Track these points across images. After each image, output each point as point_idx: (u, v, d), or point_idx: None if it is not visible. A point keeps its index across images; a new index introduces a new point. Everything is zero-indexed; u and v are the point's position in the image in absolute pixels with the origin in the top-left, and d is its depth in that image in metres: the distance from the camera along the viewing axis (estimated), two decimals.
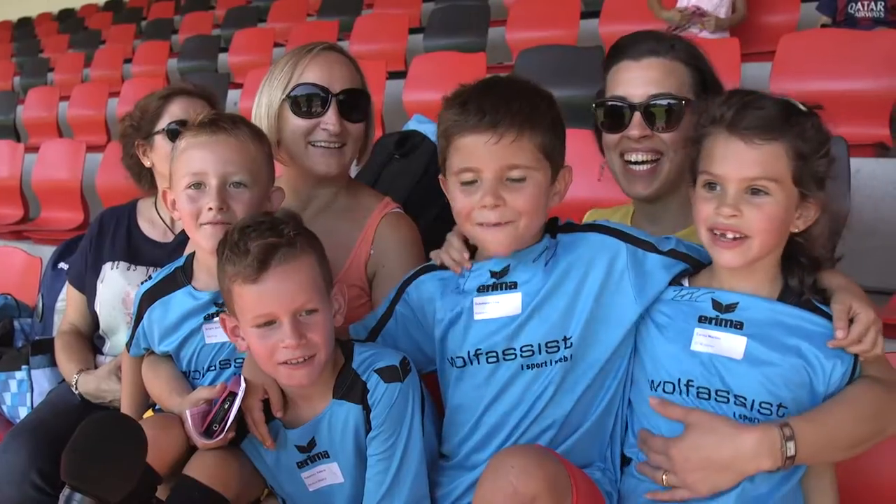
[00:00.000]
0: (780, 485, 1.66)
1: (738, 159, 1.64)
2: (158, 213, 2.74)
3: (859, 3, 4.99)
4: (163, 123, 2.63)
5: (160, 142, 2.62)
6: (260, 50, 7.45)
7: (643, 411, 1.78)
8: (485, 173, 1.70)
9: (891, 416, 1.66)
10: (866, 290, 1.70)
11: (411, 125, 3.15)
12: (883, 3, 4.95)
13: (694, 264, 1.80)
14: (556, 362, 1.75)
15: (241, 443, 1.91)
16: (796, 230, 1.70)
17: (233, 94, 6.46)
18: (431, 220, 2.71)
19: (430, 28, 6.91)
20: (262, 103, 2.21)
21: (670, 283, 1.79)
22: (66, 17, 13.35)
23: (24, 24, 13.76)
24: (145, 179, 2.75)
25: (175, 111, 2.63)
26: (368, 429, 1.82)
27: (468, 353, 1.81)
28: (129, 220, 2.73)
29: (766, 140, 1.63)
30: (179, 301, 2.02)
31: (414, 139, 2.91)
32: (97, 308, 2.63)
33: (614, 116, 2.02)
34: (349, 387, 1.83)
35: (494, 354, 1.78)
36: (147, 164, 2.70)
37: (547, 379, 1.76)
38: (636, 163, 2.01)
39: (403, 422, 1.81)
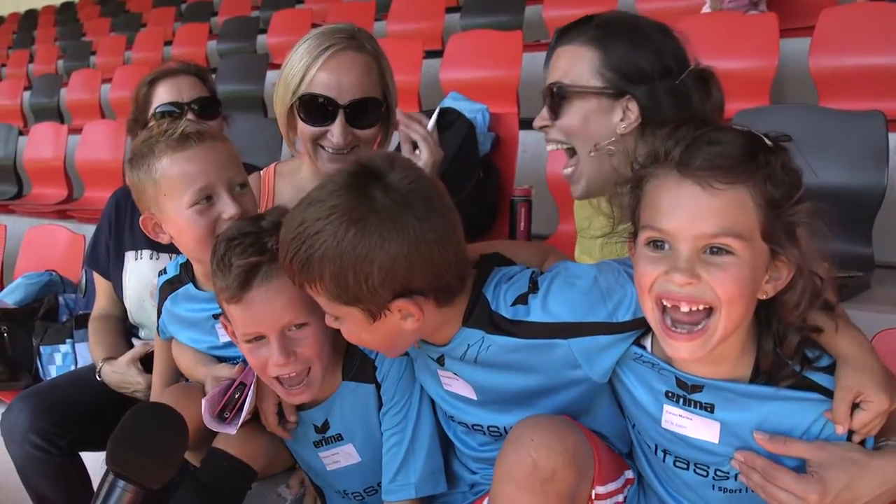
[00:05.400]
0: None
1: (692, 209, 1.32)
2: None
3: None
4: (152, 108, 2.61)
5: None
6: (298, 31, 7.39)
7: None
8: None
9: None
10: None
11: (447, 102, 3.18)
12: None
13: None
14: None
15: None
16: (764, 296, 1.38)
17: (271, 75, 6.50)
18: (464, 197, 2.74)
19: (466, 7, 6.88)
20: (279, 94, 2.18)
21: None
22: (108, 2, 13.46)
23: (67, 8, 13.94)
24: None
25: (162, 94, 2.61)
26: (381, 405, 1.84)
27: (443, 412, 1.82)
28: None
29: (727, 184, 1.30)
30: (184, 299, 2.04)
31: (450, 116, 2.93)
32: (126, 302, 2.63)
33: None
34: (358, 367, 1.84)
35: (465, 425, 1.77)
36: None
37: None
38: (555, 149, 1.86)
39: (413, 393, 1.83)
